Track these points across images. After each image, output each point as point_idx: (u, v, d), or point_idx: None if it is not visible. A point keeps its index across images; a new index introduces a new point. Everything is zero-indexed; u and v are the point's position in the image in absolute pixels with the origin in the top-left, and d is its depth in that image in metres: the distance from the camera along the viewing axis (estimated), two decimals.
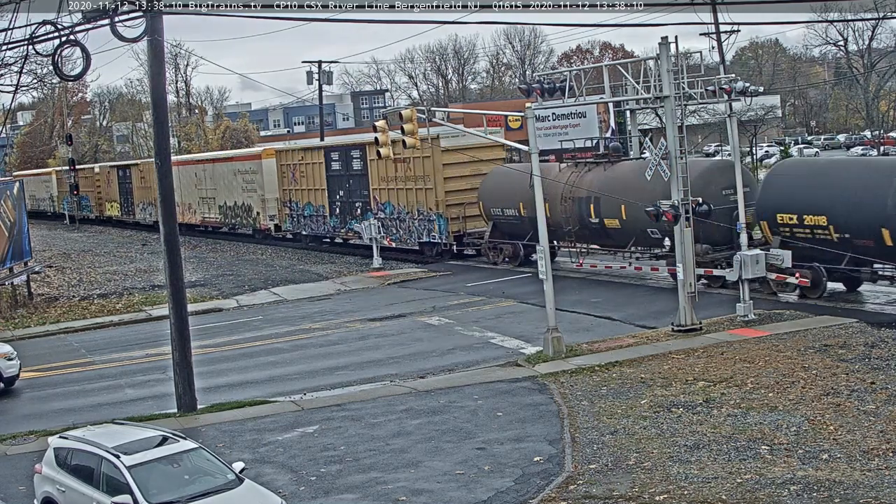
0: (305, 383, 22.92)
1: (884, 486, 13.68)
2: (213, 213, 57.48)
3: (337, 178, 45.45)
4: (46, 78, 45.44)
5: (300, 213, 48.50)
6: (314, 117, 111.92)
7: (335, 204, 45.77)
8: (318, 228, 47.37)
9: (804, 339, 22.21)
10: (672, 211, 24.03)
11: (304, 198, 47.97)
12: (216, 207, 56.96)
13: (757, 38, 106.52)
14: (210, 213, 57.78)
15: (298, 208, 48.61)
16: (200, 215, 59.01)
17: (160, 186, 21.57)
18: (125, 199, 70.62)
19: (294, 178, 48.45)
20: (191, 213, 59.91)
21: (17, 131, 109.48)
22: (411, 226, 40.79)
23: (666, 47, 23.88)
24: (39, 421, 21.34)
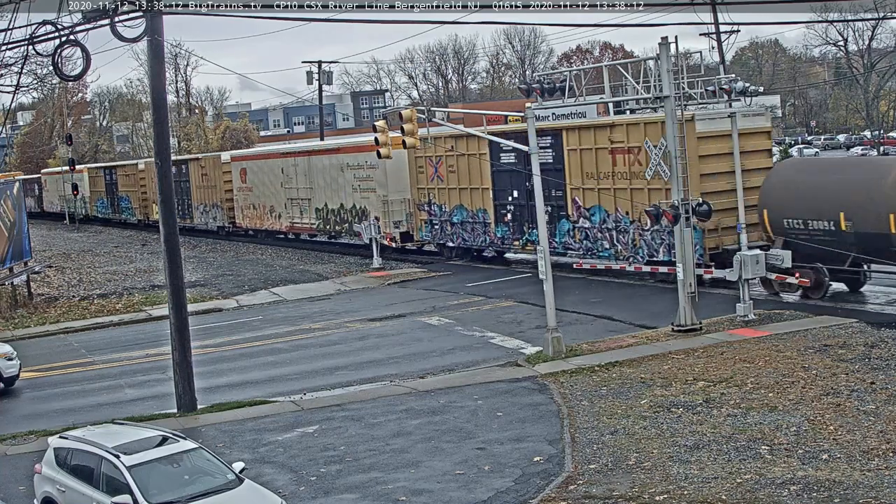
0: (305, 383, 22.93)
1: (884, 486, 13.68)
2: (307, 217, 47.64)
3: (508, 175, 35.34)
4: (46, 78, 45.47)
5: (445, 220, 38.97)
6: (314, 117, 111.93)
7: (505, 208, 36.21)
8: (474, 239, 37.75)
9: (804, 339, 22.21)
10: (672, 211, 24.02)
11: (451, 199, 38.54)
12: (311, 211, 47.17)
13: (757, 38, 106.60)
14: (303, 218, 47.77)
15: (443, 213, 39.09)
16: (287, 220, 49.66)
17: (160, 186, 21.62)
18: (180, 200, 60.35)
19: (438, 173, 38.91)
20: (273, 217, 50.90)
21: (17, 131, 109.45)
22: (637, 239, 30.61)
23: (666, 47, 23.88)
24: (39, 421, 21.34)
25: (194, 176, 59.38)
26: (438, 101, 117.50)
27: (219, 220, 56.66)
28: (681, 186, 24.23)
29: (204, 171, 57.68)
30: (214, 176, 56.42)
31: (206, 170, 57.41)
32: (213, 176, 56.55)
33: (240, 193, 53.96)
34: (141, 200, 67.59)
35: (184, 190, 60.61)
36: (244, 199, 53.75)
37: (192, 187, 59.72)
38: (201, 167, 58.14)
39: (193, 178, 59.45)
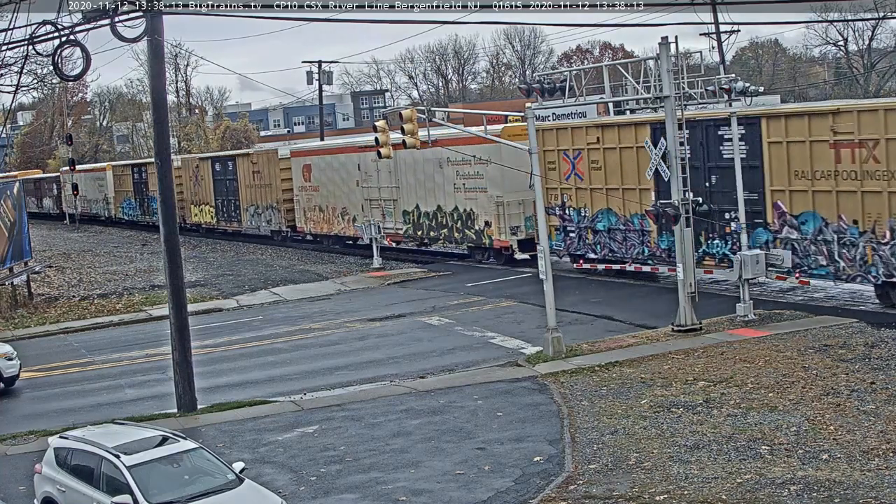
0: (305, 383, 22.93)
1: (884, 486, 13.68)
2: (392, 221, 41.66)
3: None
4: (46, 78, 45.51)
5: (585, 226, 32.33)
6: (314, 117, 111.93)
7: None
8: (626, 251, 31.09)
9: (804, 339, 22.21)
10: (672, 211, 24.02)
11: (595, 201, 31.87)
12: (397, 214, 41.41)
13: (757, 38, 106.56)
14: (384, 223, 41.67)
15: (581, 218, 32.51)
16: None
17: (160, 186, 21.58)
18: (225, 201, 55.61)
19: (576, 170, 32.44)
20: (344, 221, 45.04)
21: (17, 131, 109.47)
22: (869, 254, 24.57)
23: (666, 47, 23.88)
24: (39, 421, 21.34)
25: (243, 174, 52.92)
26: (438, 101, 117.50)
27: (274, 224, 50.75)
28: (681, 186, 24.23)
29: (256, 167, 51.23)
30: (269, 173, 50.21)
31: (259, 167, 51.00)
32: (268, 173, 50.28)
33: (302, 193, 48.01)
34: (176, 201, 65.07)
35: (230, 190, 54.58)
36: (307, 200, 47.54)
37: (241, 186, 53.19)
38: (252, 163, 51.80)
39: (242, 177, 53.02)
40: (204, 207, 58.32)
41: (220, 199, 56.15)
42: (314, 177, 46.90)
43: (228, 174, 54.70)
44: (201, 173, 58.09)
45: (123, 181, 69.52)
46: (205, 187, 57.69)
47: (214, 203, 56.74)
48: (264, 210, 51.30)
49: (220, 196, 55.99)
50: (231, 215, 54.69)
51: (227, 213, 55.42)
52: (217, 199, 56.39)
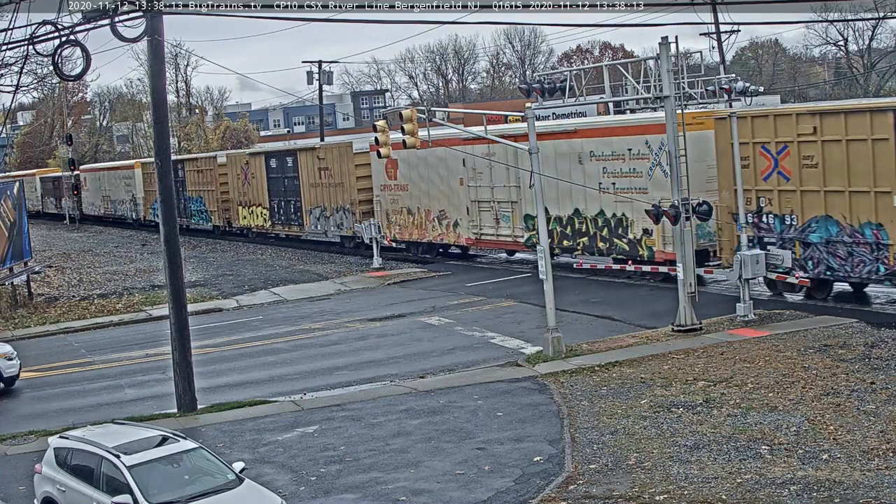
0: (305, 383, 22.93)
1: (884, 486, 13.68)
2: (507, 227, 35.53)
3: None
4: (46, 78, 45.52)
5: (792, 237, 26.34)
6: (314, 117, 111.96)
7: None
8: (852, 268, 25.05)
9: (804, 339, 22.21)
10: (672, 211, 24.02)
11: (806, 207, 25.94)
12: (516, 219, 35.15)
13: (757, 38, 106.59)
14: (499, 229, 35.90)
15: (786, 227, 26.53)
16: (470, 230, 37.38)
17: (160, 186, 21.62)
18: (283, 202, 49.09)
19: (779, 167, 26.45)
20: (442, 226, 38.95)
21: (17, 131, 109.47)
22: None
23: (666, 47, 23.88)
24: (39, 421, 21.34)
25: (307, 171, 46.46)
26: (438, 101, 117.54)
27: (345, 228, 44.25)
28: (680, 186, 24.22)
29: (323, 164, 44.66)
30: (341, 170, 43.82)
31: (328, 162, 44.46)
32: (339, 170, 43.93)
33: (385, 194, 41.86)
34: (220, 202, 55.63)
35: (290, 189, 48.09)
36: (392, 202, 41.40)
37: (303, 185, 46.88)
38: (319, 159, 45.39)
39: (305, 175, 46.66)
40: (255, 209, 51.99)
41: (276, 201, 49.78)
42: (402, 174, 40.32)
43: (287, 171, 48.19)
44: (252, 171, 51.56)
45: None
46: (256, 187, 51.32)
47: (269, 204, 50.28)
48: (333, 213, 44.87)
49: (277, 196, 49.65)
50: (290, 218, 48.26)
51: (285, 216, 48.91)
52: (272, 199, 49.90)
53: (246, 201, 52.94)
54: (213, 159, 56.80)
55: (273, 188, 49.90)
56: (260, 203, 51.31)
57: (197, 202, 58.60)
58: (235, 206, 53.95)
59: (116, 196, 70.06)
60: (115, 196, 70.40)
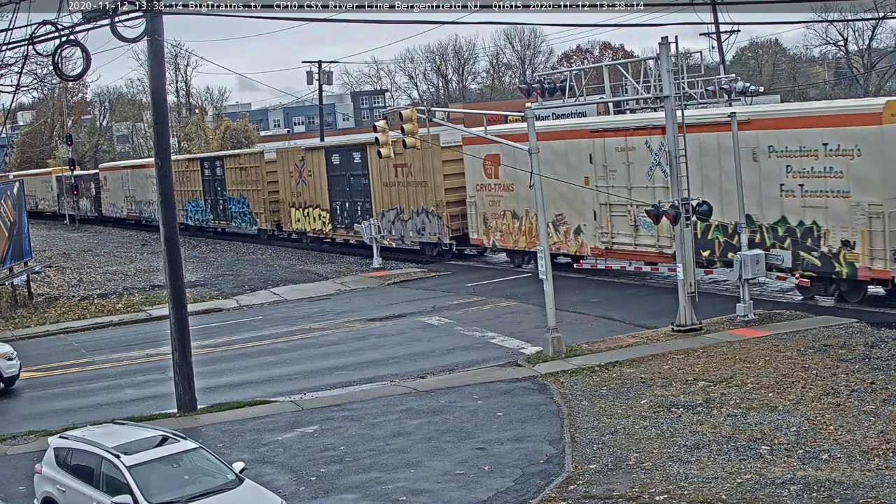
0: (305, 383, 22.93)
1: (884, 486, 13.68)
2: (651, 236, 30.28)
3: None
4: (46, 78, 45.48)
5: None
6: (314, 117, 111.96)
7: None
8: None
9: (804, 339, 22.21)
10: (672, 211, 24.02)
11: None
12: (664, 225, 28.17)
13: (757, 38, 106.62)
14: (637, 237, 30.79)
15: None
16: (599, 239, 31.93)
17: (160, 186, 21.57)
18: (348, 203, 43.89)
19: None
20: (559, 233, 33.23)
21: (17, 131, 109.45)
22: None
23: (666, 47, 23.89)
24: (39, 421, 21.35)
25: (378, 168, 41.12)
26: (438, 101, 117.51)
27: (428, 234, 39.14)
28: (681, 186, 24.22)
29: (400, 160, 38.33)
30: (424, 167, 38.74)
31: (406, 158, 37.95)
32: (422, 167, 38.83)
33: (483, 194, 36.58)
34: (268, 203, 50.31)
35: (356, 189, 42.88)
36: (491, 204, 35.98)
37: (374, 185, 41.94)
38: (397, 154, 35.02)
39: (377, 172, 41.59)
40: (312, 211, 46.69)
41: (338, 202, 44.75)
42: (506, 172, 34.48)
43: (353, 169, 43.05)
44: (309, 168, 46.27)
45: (189, 179, 58.24)
46: (314, 186, 46.05)
47: (330, 206, 45.10)
48: (413, 216, 39.82)
49: (340, 197, 44.59)
50: (356, 222, 43.21)
51: (350, 220, 43.86)
52: (334, 201, 44.86)
53: (300, 202, 47.64)
54: (259, 155, 51.91)
55: (335, 188, 44.79)
56: (318, 205, 46.12)
57: (239, 203, 53.25)
58: (287, 207, 48.60)
59: (143, 196, 64.23)
60: (141, 196, 64.64)
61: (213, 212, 56.32)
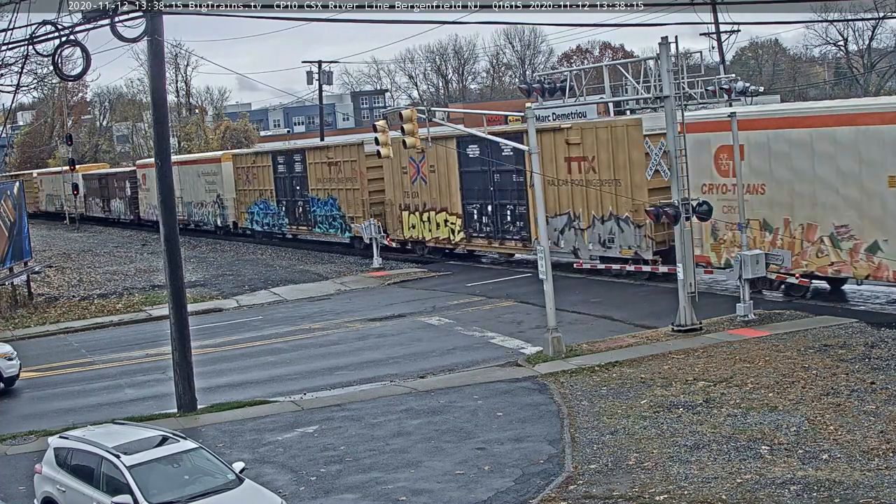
0: (305, 383, 22.93)
1: (884, 486, 13.68)
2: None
3: None
4: (46, 78, 45.49)
5: None
6: (314, 117, 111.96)
7: None
8: None
9: (804, 339, 22.21)
10: (672, 211, 24.01)
11: None
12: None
13: (757, 38, 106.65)
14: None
15: None
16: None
17: (160, 186, 21.55)
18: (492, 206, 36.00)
19: None
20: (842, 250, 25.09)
21: (17, 131, 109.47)
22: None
23: (666, 47, 23.89)
24: (39, 421, 21.35)
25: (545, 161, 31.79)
26: (438, 101, 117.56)
27: (618, 246, 31.26)
28: (681, 186, 24.22)
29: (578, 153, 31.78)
30: (612, 160, 31.01)
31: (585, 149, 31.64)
32: (610, 160, 31.10)
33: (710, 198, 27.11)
34: (366, 206, 42.34)
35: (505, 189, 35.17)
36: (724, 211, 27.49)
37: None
38: (568, 143, 32.41)
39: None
40: (436, 217, 38.89)
41: (475, 205, 36.97)
42: (754, 168, 27.07)
43: (499, 162, 34.98)
44: (431, 162, 38.24)
45: (255, 176, 50.84)
46: (437, 184, 38.41)
47: (463, 210, 37.36)
48: (596, 223, 31.81)
49: (478, 199, 36.76)
50: (503, 230, 35.61)
51: (494, 227, 36.04)
52: (469, 203, 37.11)
53: (416, 205, 39.98)
54: (356, 147, 42.79)
55: (469, 186, 36.93)
56: (445, 208, 38.14)
57: (326, 205, 45.07)
58: (397, 211, 40.92)
59: (193, 197, 57.53)
60: (190, 197, 57.76)
61: (289, 214, 48.43)
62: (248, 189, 51.63)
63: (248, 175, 51.43)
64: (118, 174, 70.37)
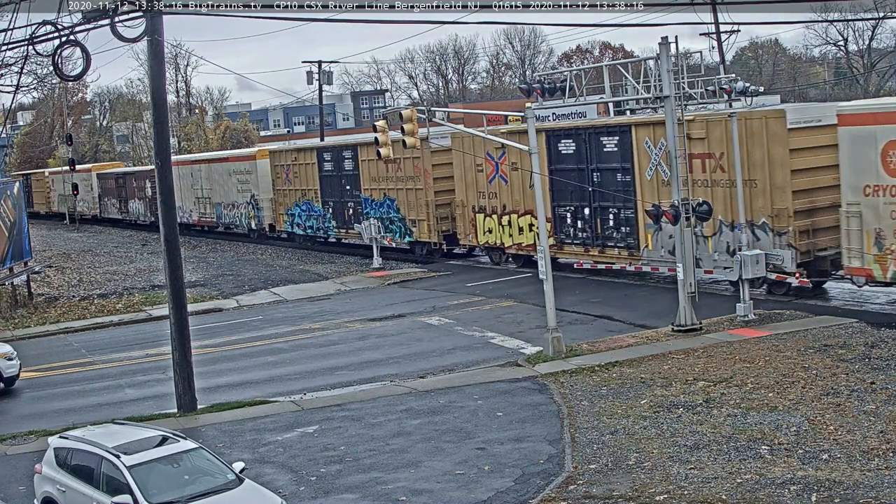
0: (305, 383, 22.93)
1: (884, 486, 13.68)
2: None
3: None
4: (46, 78, 45.47)
5: None
6: (314, 117, 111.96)
7: None
8: None
9: (804, 339, 22.21)
10: (672, 211, 24.01)
11: None
12: None
13: (757, 38, 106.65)
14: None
15: None
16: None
17: (160, 186, 21.54)
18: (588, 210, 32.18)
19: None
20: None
21: (17, 131, 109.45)
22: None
23: (666, 47, 23.89)
24: (39, 421, 21.35)
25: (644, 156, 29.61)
26: (438, 101, 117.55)
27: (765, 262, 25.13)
28: (680, 186, 24.22)
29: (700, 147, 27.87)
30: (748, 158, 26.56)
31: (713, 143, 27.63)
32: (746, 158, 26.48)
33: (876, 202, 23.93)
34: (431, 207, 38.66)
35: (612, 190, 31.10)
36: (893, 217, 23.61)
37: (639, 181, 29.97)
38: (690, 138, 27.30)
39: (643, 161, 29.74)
40: (516, 219, 35.10)
41: (568, 207, 32.91)
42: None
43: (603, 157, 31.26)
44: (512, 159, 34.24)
45: (297, 175, 46.92)
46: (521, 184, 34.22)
47: (553, 213, 32.93)
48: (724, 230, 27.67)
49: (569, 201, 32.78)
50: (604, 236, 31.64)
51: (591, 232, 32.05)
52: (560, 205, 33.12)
53: (496, 207, 35.98)
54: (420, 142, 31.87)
55: (563, 188, 32.81)
56: (529, 210, 33.78)
57: (382, 207, 41.27)
58: (469, 213, 37.11)
59: (223, 198, 54.15)
60: (219, 198, 54.44)
61: (335, 217, 44.65)
62: (288, 189, 47.65)
63: (289, 172, 47.12)
64: (137, 173, 65.95)
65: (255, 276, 40.59)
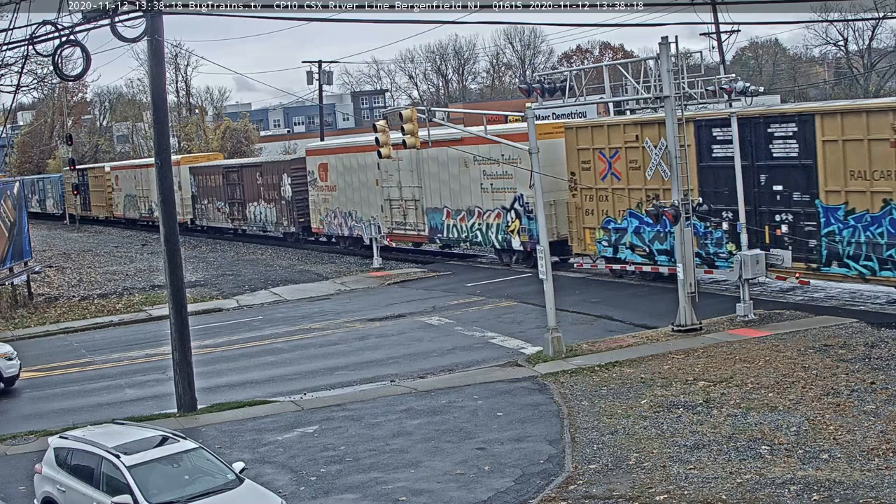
0: (305, 383, 22.93)
1: (884, 486, 13.67)
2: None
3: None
4: (46, 78, 45.46)
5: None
6: (314, 117, 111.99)
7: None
8: None
9: (804, 339, 22.21)
10: (672, 211, 24.00)
11: None
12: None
13: (757, 38, 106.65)
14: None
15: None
16: None
17: (160, 186, 21.55)
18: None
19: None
20: None
21: (17, 131, 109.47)
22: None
23: (666, 47, 23.88)
24: (39, 421, 21.35)
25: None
26: (438, 101, 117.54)
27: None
28: (680, 186, 24.22)
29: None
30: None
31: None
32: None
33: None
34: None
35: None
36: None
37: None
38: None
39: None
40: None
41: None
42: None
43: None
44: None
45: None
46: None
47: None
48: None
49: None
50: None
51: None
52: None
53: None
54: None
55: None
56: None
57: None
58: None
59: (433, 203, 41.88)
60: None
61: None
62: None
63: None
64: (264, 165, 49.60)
65: (255, 276, 40.59)
